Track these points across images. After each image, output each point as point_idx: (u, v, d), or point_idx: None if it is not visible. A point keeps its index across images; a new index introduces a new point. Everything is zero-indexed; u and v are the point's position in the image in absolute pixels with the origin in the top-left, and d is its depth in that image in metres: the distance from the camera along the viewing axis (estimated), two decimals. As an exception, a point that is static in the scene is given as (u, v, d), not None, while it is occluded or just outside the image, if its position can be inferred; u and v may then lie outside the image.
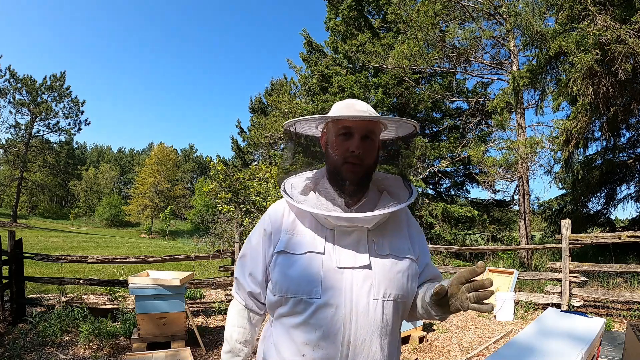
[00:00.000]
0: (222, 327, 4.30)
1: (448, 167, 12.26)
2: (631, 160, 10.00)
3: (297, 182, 1.03)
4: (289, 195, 0.96)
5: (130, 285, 3.51)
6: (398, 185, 1.05)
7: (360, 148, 0.92)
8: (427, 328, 4.61)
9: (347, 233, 0.92)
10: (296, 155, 1.09)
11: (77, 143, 52.28)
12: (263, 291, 1.00)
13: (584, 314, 2.08)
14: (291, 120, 1.00)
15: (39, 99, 28.70)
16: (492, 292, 0.71)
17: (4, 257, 4.30)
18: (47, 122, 29.57)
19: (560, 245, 5.37)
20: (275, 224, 0.98)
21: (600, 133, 8.77)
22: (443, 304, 0.83)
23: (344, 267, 0.89)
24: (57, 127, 30.11)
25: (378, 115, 0.89)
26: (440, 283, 0.82)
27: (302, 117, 0.96)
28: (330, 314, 0.86)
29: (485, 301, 0.74)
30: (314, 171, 1.07)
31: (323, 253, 0.90)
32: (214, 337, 4.16)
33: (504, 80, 10.74)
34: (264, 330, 1.03)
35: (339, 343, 0.86)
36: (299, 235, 0.94)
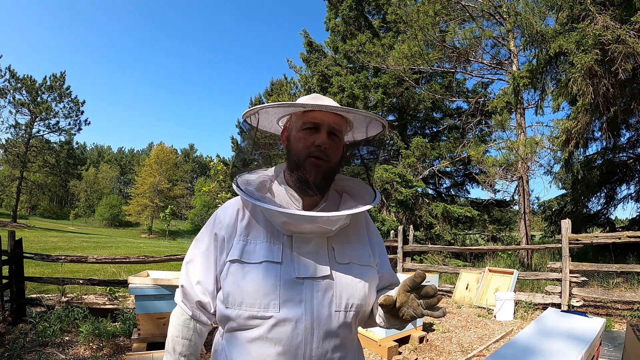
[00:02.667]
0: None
1: (448, 167, 12.27)
2: (631, 160, 10.00)
3: (252, 178, 0.93)
4: (243, 192, 0.86)
5: (130, 285, 3.50)
6: (360, 186, 0.98)
7: (327, 143, 0.86)
8: (427, 328, 4.61)
9: (306, 240, 0.86)
10: (254, 149, 1.01)
11: (77, 143, 52.18)
12: (212, 300, 0.90)
13: (584, 314, 2.08)
14: (254, 108, 0.89)
15: (39, 99, 28.71)
16: (439, 299, 0.72)
17: (4, 257, 4.30)
18: (47, 122, 29.58)
19: (560, 245, 5.37)
20: (228, 228, 0.89)
21: (600, 133, 8.77)
22: (396, 314, 0.79)
23: (304, 278, 0.83)
24: (57, 127, 30.12)
25: (349, 108, 0.84)
26: (386, 293, 0.80)
27: (264, 105, 0.86)
28: (290, 329, 0.80)
29: (435, 306, 0.72)
30: (271, 169, 0.99)
31: (281, 262, 0.83)
32: (213, 337, 4.16)
33: (504, 80, 10.74)
34: (215, 343, 0.95)
35: (300, 358, 0.81)
36: (253, 241, 0.87)
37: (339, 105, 0.85)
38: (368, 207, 0.88)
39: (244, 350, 0.84)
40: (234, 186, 0.90)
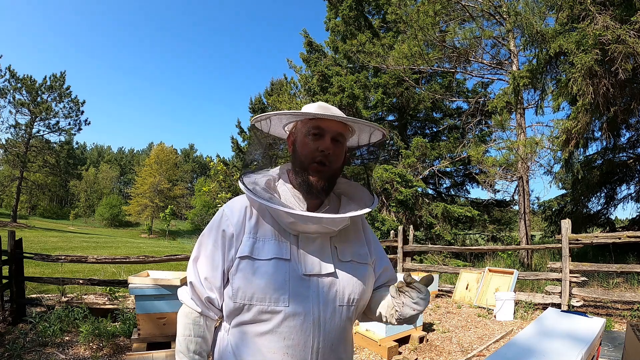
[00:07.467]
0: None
1: (448, 167, 12.27)
2: (631, 160, 10.00)
3: (259, 178, 0.98)
4: (252, 192, 0.90)
5: (130, 285, 3.50)
6: (359, 190, 1.04)
7: (331, 148, 0.91)
8: (427, 328, 4.61)
9: (311, 239, 0.92)
10: (263, 152, 1.06)
11: (77, 143, 52.34)
12: (220, 296, 0.93)
13: (584, 314, 2.08)
14: (264, 115, 0.94)
15: (39, 99, 28.68)
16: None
17: (4, 257, 4.29)
18: (47, 122, 29.53)
19: (560, 245, 5.37)
20: (237, 225, 0.91)
21: (600, 133, 8.78)
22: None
23: (310, 275, 0.88)
24: (57, 127, 30.08)
25: (352, 118, 0.89)
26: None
27: (274, 112, 0.92)
28: (299, 323, 0.85)
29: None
30: (274, 169, 1.04)
31: (289, 259, 0.88)
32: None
33: (504, 80, 10.75)
34: (219, 339, 0.96)
35: (308, 350, 0.86)
36: (262, 239, 0.90)
37: (344, 115, 0.91)
38: (368, 209, 0.94)
39: (253, 344, 0.87)
40: (241, 185, 0.93)
